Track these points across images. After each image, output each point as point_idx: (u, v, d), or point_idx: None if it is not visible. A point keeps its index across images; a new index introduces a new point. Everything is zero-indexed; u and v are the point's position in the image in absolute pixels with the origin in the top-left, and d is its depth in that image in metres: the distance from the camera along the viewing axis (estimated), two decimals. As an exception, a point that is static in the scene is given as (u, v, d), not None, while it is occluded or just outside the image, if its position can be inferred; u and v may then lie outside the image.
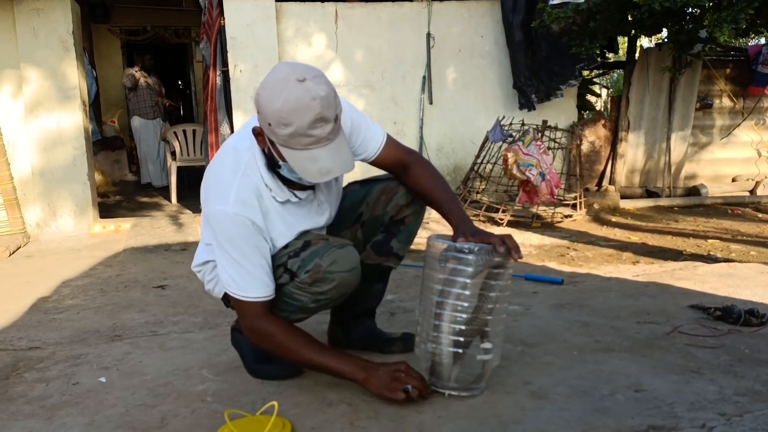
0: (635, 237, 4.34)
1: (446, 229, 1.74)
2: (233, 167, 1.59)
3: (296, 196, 1.64)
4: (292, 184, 1.63)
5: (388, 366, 1.58)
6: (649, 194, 6.09)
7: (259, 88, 1.47)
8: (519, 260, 1.55)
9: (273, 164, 1.57)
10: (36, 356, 2.12)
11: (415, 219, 1.85)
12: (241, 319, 1.66)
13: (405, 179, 1.80)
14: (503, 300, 1.62)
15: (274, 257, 1.65)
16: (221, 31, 5.23)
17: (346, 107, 1.66)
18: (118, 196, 7.17)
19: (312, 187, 1.68)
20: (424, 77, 5.67)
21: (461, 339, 1.57)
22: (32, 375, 1.94)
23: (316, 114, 1.41)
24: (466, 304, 1.56)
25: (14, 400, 1.74)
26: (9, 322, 2.59)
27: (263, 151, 1.58)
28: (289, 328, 1.62)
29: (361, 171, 2.05)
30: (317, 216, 1.73)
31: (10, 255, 4.33)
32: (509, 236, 1.56)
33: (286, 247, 1.65)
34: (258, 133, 1.54)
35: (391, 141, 1.80)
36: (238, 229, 1.55)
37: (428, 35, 5.62)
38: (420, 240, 1.98)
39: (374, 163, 1.79)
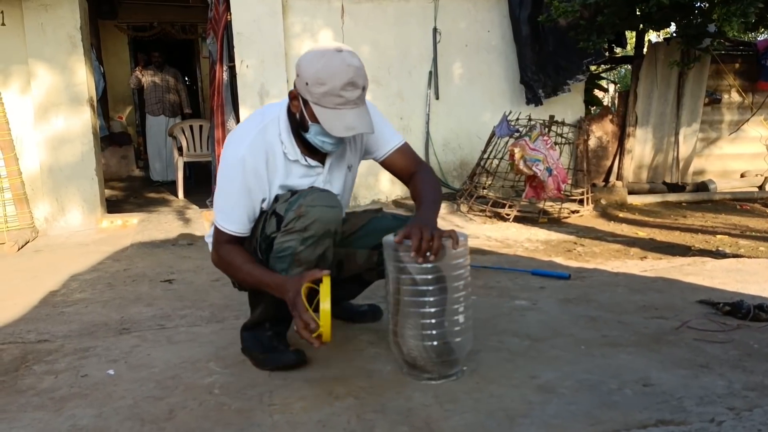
0: (643, 232, 4.32)
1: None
2: (255, 123, 1.82)
3: (306, 159, 1.83)
4: (305, 150, 1.82)
5: (292, 295, 1.65)
6: (669, 188, 6.02)
7: (300, 58, 1.73)
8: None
9: (301, 127, 1.76)
10: (45, 349, 2.13)
11: None
12: (213, 243, 1.87)
13: (410, 187, 1.97)
14: (466, 286, 1.68)
15: (264, 210, 1.83)
16: (228, 26, 5.23)
17: (371, 108, 1.86)
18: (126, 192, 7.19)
19: (322, 162, 1.87)
20: (430, 72, 5.65)
21: (425, 330, 1.63)
22: (41, 367, 1.95)
23: (349, 78, 1.64)
24: (422, 299, 1.62)
25: (24, 392, 1.75)
26: (18, 316, 2.61)
27: (293, 116, 1.79)
28: (242, 253, 1.81)
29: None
30: None
31: (19, 249, 4.36)
32: (452, 230, 1.65)
33: (277, 200, 1.82)
34: (293, 96, 1.76)
35: (406, 150, 1.98)
36: (240, 170, 1.75)
37: (434, 30, 5.60)
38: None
39: (383, 164, 1.98)
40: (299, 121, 1.76)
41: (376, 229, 1.98)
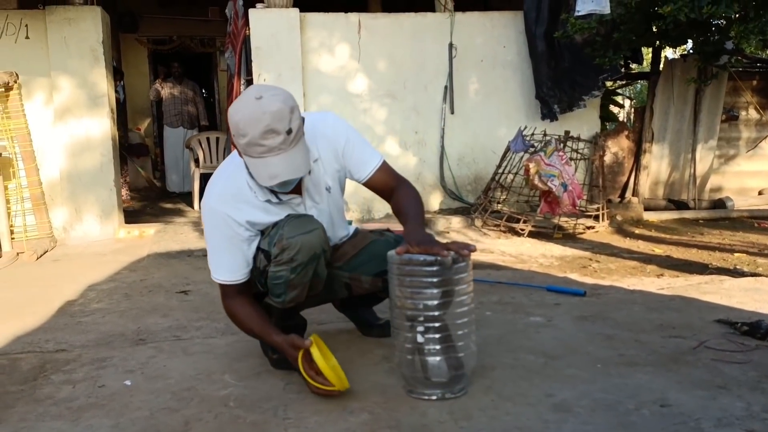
0: (659, 249, 4.29)
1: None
2: (226, 168, 1.86)
3: (277, 197, 1.82)
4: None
5: (293, 361, 1.72)
6: (678, 206, 5.98)
7: (228, 110, 1.70)
8: (470, 253, 1.65)
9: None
10: (63, 358, 2.16)
11: None
12: (221, 294, 1.92)
13: (391, 204, 1.97)
14: (469, 302, 1.68)
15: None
16: (246, 40, 5.30)
17: (345, 128, 1.91)
18: (143, 201, 7.26)
19: (298, 192, 1.85)
20: (446, 87, 5.67)
21: (431, 345, 1.63)
22: (59, 377, 1.97)
23: (266, 125, 1.60)
24: (435, 313, 1.62)
25: (42, 402, 1.77)
26: (37, 325, 2.64)
27: None
28: (246, 307, 1.86)
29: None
30: None
31: (38, 258, 4.41)
32: (453, 242, 1.68)
33: (262, 234, 1.85)
34: (234, 145, 1.75)
35: (385, 168, 1.96)
36: (215, 221, 1.80)
37: (450, 45, 5.63)
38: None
39: (365, 185, 1.97)
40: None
41: (378, 254, 1.98)
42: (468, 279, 1.68)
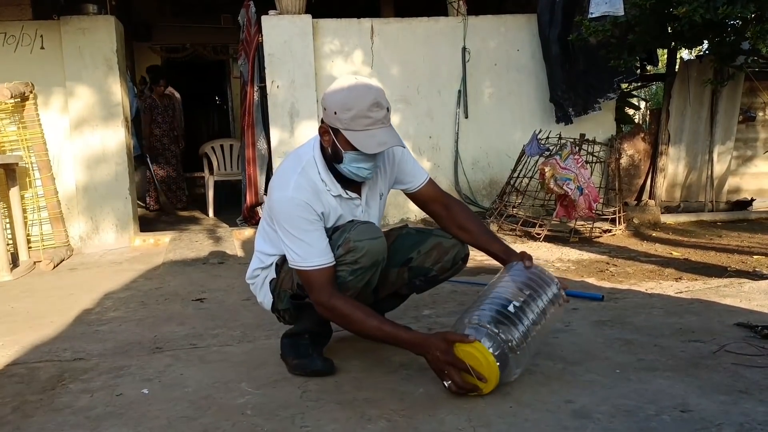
0: (677, 252, 4.23)
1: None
2: (294, 166, 1.90)
3: (347, 193, 1.92)
4: (344, 184, 1.90)
5: (441, 353, 1.68)
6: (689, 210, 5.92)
7: (324, 95, 1.83)
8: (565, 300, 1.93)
9: (335, 159, 1.84)
10: (80, 367, 2.17)
11: (449, 277, 2.17)
12: (310, 293, 1.84)
13: (447, 217, 2.10)
14: (540, 331, 1.80)
15: None
16: (259, 48, 5.32)
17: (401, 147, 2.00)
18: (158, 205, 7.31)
19: (359, 193, 1.96)
20: (459, 91, 5.67)
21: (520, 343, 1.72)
22: (77, 386, 1.98)
23: (373, 99, 1.74)
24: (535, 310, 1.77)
25: (60, 411, 1.78)
26: (54, 334, 2.66)
27: (325, 151, 1.88)
28: (351, 300, 1.82)
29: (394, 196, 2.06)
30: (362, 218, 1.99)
31: (55, 267, 4.45)
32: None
33: None
34: (323, 131, 1.85)
35: (433, 182, 2.13)
36: (296, 209, 1.81)
37: (464, 49, 5.62)
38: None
39: (415, 195, 2.11)
40: (332, 154, 1.85)
41: (404, 245, 2.10)
42: (553, 314, 1.84)
